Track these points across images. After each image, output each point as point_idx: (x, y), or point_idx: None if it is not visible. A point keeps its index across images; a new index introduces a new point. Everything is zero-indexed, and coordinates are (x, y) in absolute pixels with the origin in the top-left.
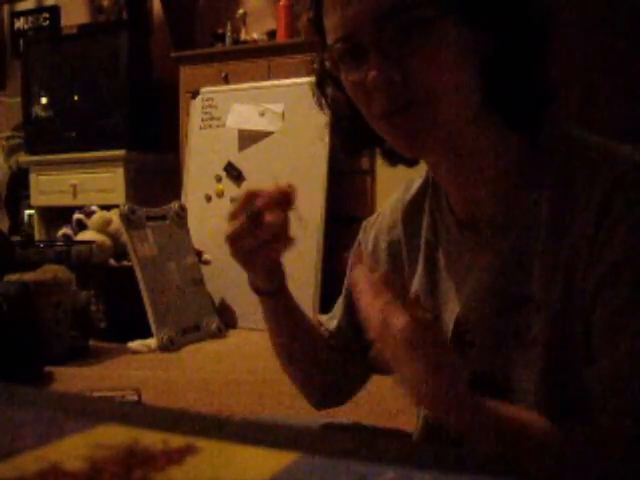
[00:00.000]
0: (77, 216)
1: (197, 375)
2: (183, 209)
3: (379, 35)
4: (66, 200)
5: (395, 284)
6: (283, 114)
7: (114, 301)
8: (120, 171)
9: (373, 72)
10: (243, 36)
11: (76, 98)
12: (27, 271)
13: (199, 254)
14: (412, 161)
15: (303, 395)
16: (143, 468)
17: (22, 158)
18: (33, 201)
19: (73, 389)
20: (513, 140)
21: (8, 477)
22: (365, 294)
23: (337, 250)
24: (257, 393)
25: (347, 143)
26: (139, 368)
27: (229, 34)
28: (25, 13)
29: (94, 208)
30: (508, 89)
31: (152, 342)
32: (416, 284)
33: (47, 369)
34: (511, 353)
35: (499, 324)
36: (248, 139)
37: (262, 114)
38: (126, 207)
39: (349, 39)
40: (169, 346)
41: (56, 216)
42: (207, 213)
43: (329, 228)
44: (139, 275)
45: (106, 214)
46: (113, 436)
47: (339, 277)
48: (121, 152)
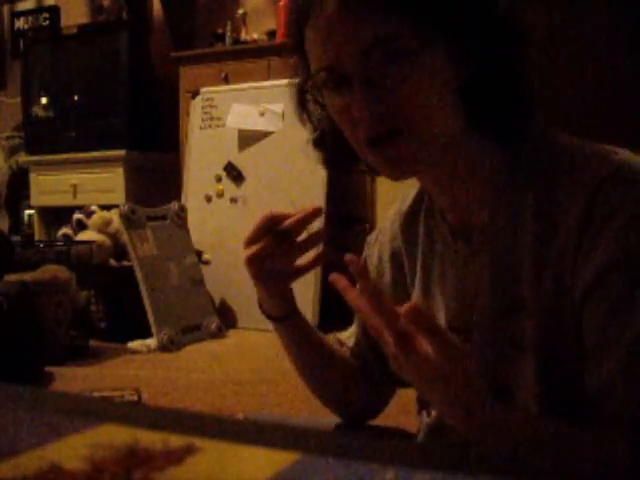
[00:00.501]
0: (77, 216)
1: (197, 375)
2: (183, 209)
3: (363, 67)
4: (66, 200)
5: (424, 314)
6: (283, 114)
7: (114, 301)
8: (120, 171)
9: (357, 103)
10: (243, 36)
11: (76, 98)
12: (27, 271)
13: (199, 254)
14: None
15: (337, 415)
16: (143, 468)
17: (22, 158)
18: (33, 201)
19: (73, 389)
20: (498, 152)
21: (8, 477)
22: (370, 316)
23: (337, 250)
24: (257, 393)
25: (330, 158)
26: (139, 368)
27: (229, 34)
28: (25, 13)
29: (94, 208)
30: (488, 111)
31: (152, 342)
32: (415, 292)
33: (47, 369)
34: (508, 359)
35: (495, 331)
36: (248, 139)
37: (262, 114)
38: (126, 207)
39: (333, 69)
40: (169, 346)
41: (56, 216)
42: (207, 213)
43: (329, 228)
44: (139, 275)
45: (106, 214)
46: (113, 436)
47: None
48: (121, 152)
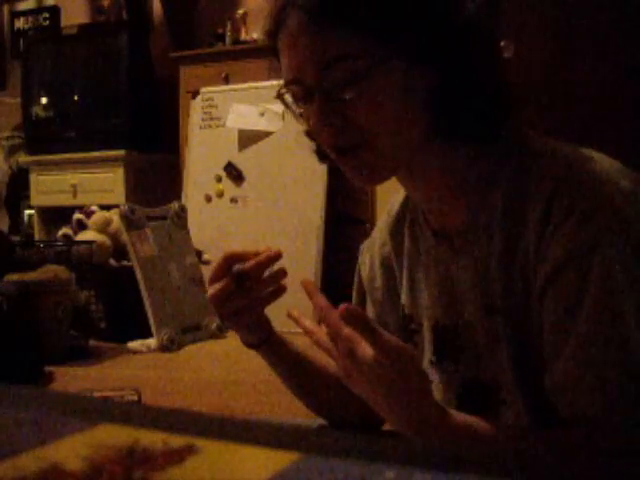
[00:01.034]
0: (77, 216)
1: (197, 375)
2: (183, 209)
3: (322, 82)
4: (66, 200)
5: (360, 314)
6: (283, 114)
7: (114, 301)
8: (120, 171)
9: (315, 116)
10: (243, 36)
11: (76, 98)
12: (27, 271)
13: (199, 254)
14: None
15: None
16: (143, 468)
17: (22, 158)
18: (33, 201)
19: (73, 389)
20: (471, 154)
21: (8, 477)
22: (316, 332)
23: (337, 250)
24: (257, 393)
25: (319, 150)
26: (139, 368)
27: (229, 34)
28: (25, 13)
29: (94, 208)
30: (453, 117)
31: (152, 342)
32: (402, 295)
33: (47, 369)
34: (495, 356)
35: (480, 328)
36: (248, 139)
37: (262, 114)
38: (126, 207)
39: (297, 82)
40: (169, 346)
41: (56, 216)
42: (207, 213)
43: (329, 228)
44: (139, 275)
45: (106, 214)
46: (113, 436)
47: (339, 277)
48: (121, 152)
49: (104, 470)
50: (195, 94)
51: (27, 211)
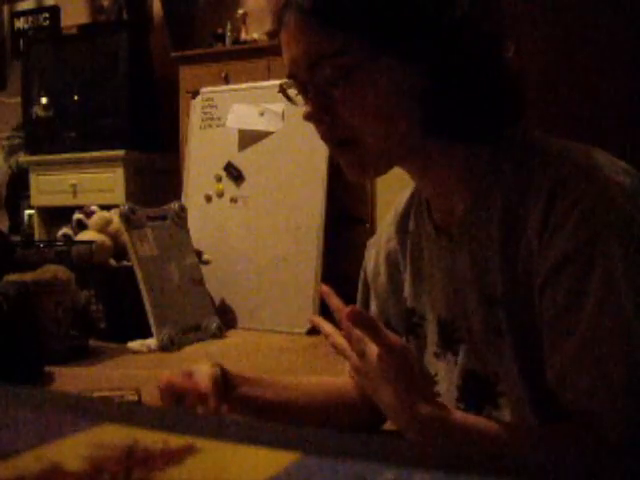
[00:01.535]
0: (77, 216)
1: None
2: (183, 209)
3: (313, 79)
4: (66, 200)
5: (364, 314)
6: (283, 114)
7: (114, 301)
8: (120, 171)
9: (305, 111)
10: (243, 36)
11: (76, 98)
12: (27, 271)
13: (199, 254)
14: None
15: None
16: (143, 468)
17: (22, 158)
18: (33, 201)
19: (73, 389)
20: (472, 150)
21: (8, 477)
22: (334, 335)
23: (337, 250)
24: None
25: None
26: (139, 368)
27: (229, 34)
28: (25, 13)
29: (94, 208)
30: (447, 114)
31: (152, 342)
32: (406, 289)
33: (47, 369)
34: (495, 348)
35: (481, 321)
36: (248, 139)
37: (262, 114)
38: (126, 207)
39: (294, 78)
40: (169, 346)
41: (56, 216)
42: (207, 213)
43: (329, 228)
44: (139, 275)
45: (106, 214)
46: (113, 436)
47: (339, 277)
48: (121, 152)
49: (104, 470)
50: (195, 94)
51: (27, 211)
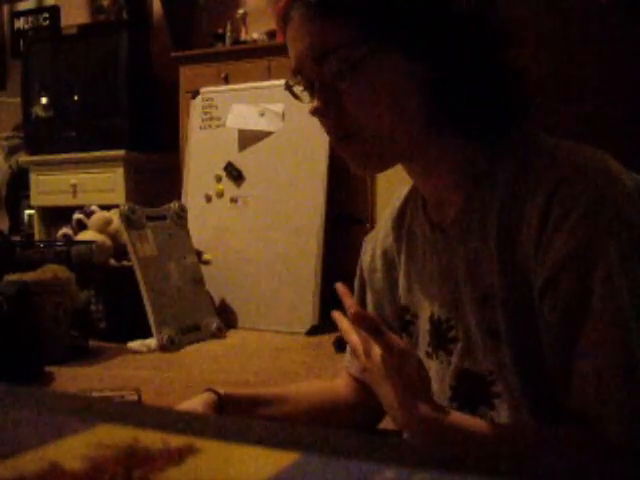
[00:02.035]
0: (77, 216)
1: (197, 375)
2: (183, 209)
3: (318, 74)
4: (66, 200)
5: (367, 316)
6: (283, 114)
7: (114, 301)
8: (120, 171)
9: (312, 106)
10: (243, 36)
11: (76, 98)
12: (27, 271)
13: (199, 254)
14: None
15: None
16: (143, 468)
17: (22, 158)
18: (33, 201)
19: (73, 389)
20: (472, 147)
21: (8, 477)
22: (349, 333)
23: (337, 250)
24: None
25: None
26: (139, 368)
27: (229, 34)
28: (25, 13)
29: (94, 208)
30: (451, 108)
31: (152, 342)
32: (400, 286)
33: (47, 369)
34: (489, 347)
35: (475, 320)
36: (248, 139)
37: (262, 114)
38: (126, 207)
39: (300, 73)
40: (169, 346)
41: (56, 216)
42: (207, 213)
43: (329, 228)
44: (139, 275)
45: (106, 214)
46: (113, 436)
47: (339, 277)
48: (121, 152)
49: (104, 470)
50: (195, 94)
51: (27, 211)
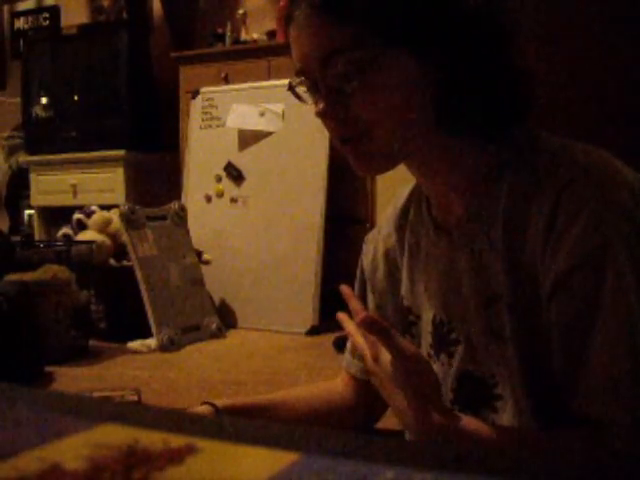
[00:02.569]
0: (77, 216)
1: (197, 375)
2: (183, 209)
3: (325, 74)
4: (66, 200)
5: (377, 321)
6: (283, 114)
7: (114, 301)
8: (120, 171)
9: (319, 107)
10: (243, 36)
11: (76, 98)
12: (27, 271)
13: (199, 254)
14: None
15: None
16: (143, 468)
17: (22, 158)
18: (33, 201)
19: (73, 389)
20: (477, 148)
21: (8, 477)
22: (355, 335)
23: (337, 250)
24: (257, 393)
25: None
26: (139, 368)
27: (229, 34)
28: (25, 13)
29: (94, 208)
30: (458, 109)
31: (152, 342)
32: (402, 287)
33: (47, 369)
34: (492, 350)
35: (478, 322)
36: (248, 139)
37: (262, 114)
38: (126, 207)
39: (304, 73)
40: (169, 346)
41: (56, 216)
42: (207, 213)
43: (329, 228)
44: (139, 275)
45: (106, 214)
46: (113, 436)
47: (339, 277)
48: (121, 152)
49: (104, 470)
50: (195, 94)
51: (27, 211)
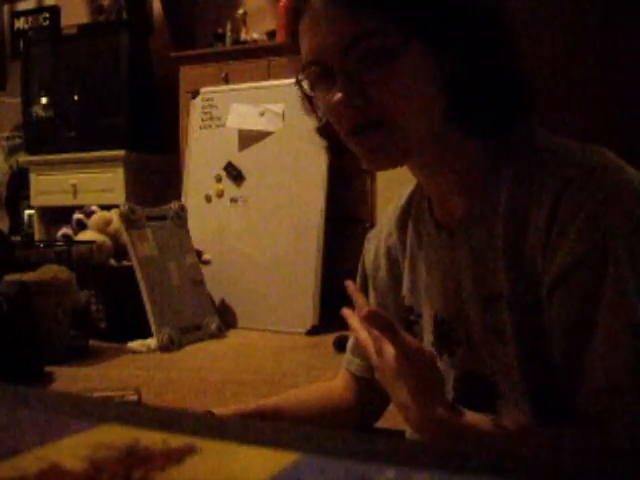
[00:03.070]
0: (77, 216)
1: (197, 375)
2: (183, 209)
3: (344, 61)
4: (66, 200)
5: (381, 316)
6: (283, 114)
7: (114, 301)
8: (120, 171)
9: (337, 96)
10: (243, 36)
11: (76, 98)
12: (27, 271)
13: (199, 254)
14: None
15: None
16: (143, 468)
17: (22, 158)
18: (33, 201)
19: (73, 389)
20: (480, 145)
21: (8, 477)
22: (359, 330)
23: (337, 250)
24: (257, 393)
25: (333, 146)
26: (139, 368)
27: (229, 34)
28: (25, 13)
29: (94, 208)
30: (470, 106)
31: (152, 342)
32: (404, 286)
33: (47, 369)
34: (494, 349)
35: (479, 321)
36: (248, 139)
37: (262, 114)
38: (126, 207)
39: (318, 63)
40: (169, 346)
41: (56, 216)
42: (207, 213)
43: (329, 228)
44: (139, 275)
45: (106, 214)
46: (113, 436)
47: (339, 277)
48: (121, 152)
49: (104, 470)
50: (195, 94)
51: (27, 211)
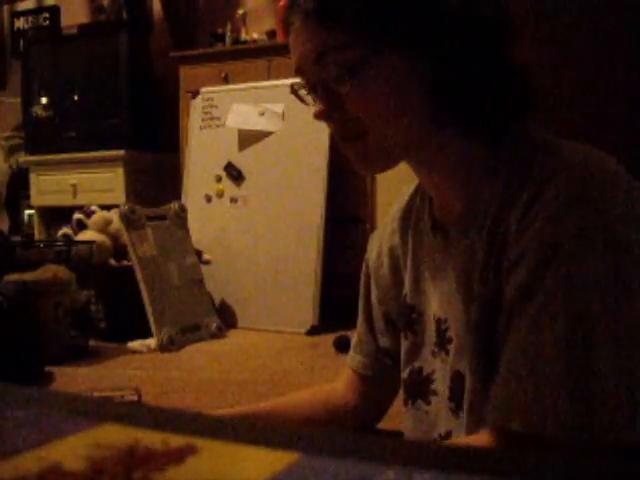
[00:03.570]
0: (77, 216)
1: (197, 375)
2: (183, 209)
3: (320, 74)
4: (66, 200)
5: None
6: (283, 114)
7: (114, 301)
8: (120, 171)
9: (316, 109)
10: (243, 36)
11: (76, 98)
12: (27, 271)
13: (199, 254)
14: None
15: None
16: (143, 468)
17: (22, 158)
18: (33, 201)
19: (73, 389)
20: (474, 145)
21: (8, 477)
22: None
23: (337, 250)
24: (257, 393)
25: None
26: (139, 368)
27: (229, 34)
28: (25, 13)
29: (94, 208)
30: (456, 105)
31: (152, 342)
32: (406, 285)
33: (47, 369)
34: (475, 348)
35: (464, 321)
36: (248, 139)
37: (262, 114)
38: (126, 207)
39: (302, 77)
40: (169, 346)
41: (56, 216)
42: (207, 213)
43: (329, 228)
44: (139, 275)
45: (106, 214)
46: (113, 436)
47: (339, 277)
48: (121, 152)
49: (104, 470)
50: (195, 94)
51: (27, 211)
